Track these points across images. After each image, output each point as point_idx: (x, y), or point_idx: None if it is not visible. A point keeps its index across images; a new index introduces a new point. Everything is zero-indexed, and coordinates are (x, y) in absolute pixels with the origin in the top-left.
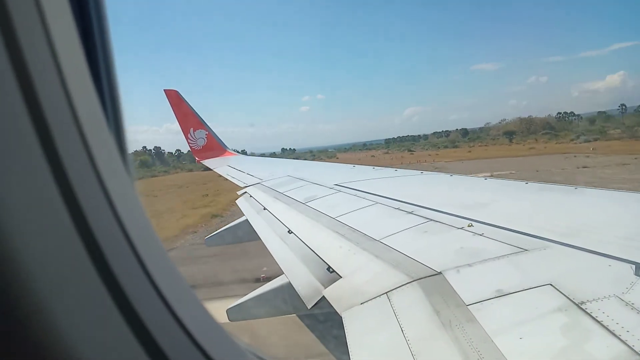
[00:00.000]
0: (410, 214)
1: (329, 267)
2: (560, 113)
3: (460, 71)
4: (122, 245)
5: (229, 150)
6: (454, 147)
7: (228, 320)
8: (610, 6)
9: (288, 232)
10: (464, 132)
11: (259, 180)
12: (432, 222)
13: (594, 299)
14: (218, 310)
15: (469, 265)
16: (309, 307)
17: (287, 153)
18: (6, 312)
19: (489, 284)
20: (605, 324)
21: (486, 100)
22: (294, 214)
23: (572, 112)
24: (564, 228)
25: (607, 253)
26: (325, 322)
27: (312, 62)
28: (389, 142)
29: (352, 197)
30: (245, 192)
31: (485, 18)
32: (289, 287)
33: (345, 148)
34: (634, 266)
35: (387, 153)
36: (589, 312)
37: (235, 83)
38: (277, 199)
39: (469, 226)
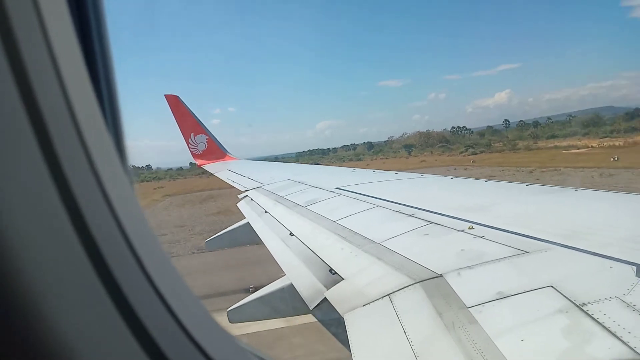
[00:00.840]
0: (411, 217)
1: (330, 269)
2: (454, 127)
3: (369, 86)
4: (121, 246)
5: (230, 155)
6: (357, 160)
7: (228, 322)
8: (498, 31)
9: (289, 234)
10: (370, 146)
11: (259, 184)
12: (432, 224)
13: (595, 301)
14: None
15: (470, 267)
16: (311, 308)
17: (195, 166)
18: (5, 313)
19: (490, 286)
20: (606, 325)
21: (393, 115)
22: (296, 217)
23: (464, 127)
24: (564, 230)
25: (608, 255)
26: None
27: (223, 73)
28: (299, 155)
29: (352, 201)
30: (247, 195)
31: (389, 33)
32: (290, 288)
33: (257, 161)
34: (634, 268)
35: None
36: (590, 313)
37: (139, 91)
38: (278, 202)
39: (469, 229)
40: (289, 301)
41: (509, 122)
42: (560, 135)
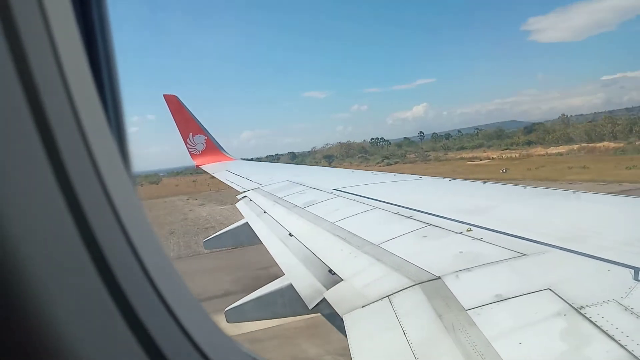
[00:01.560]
0: (409, 219)
1: (330, 270)
2: (374, 138)
3: (293, 97)
4: (124, 248)
5: (228, 155)
6: None
7: (226, 322)
8: (416, 48)
9: (289, 235)
10: (293, 156)
11: (258, 185)
12: (431, 226)
13: (593, 304)
14: None
15: (468, 269)
16: (310, 307)
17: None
18: (6, 314)
19: (488, 288)
20: (604, 328)
21: (317, 126)
22: (295, 218)
23: (382, 138)
24: (563, 233)
25: (606, 258)
26: None
27: (142, 77)
28: None
29: (351, 202)
30: (245, 196)
31: (313, 43)
32: (288, 289)
33: (178, 171)
34: (632, 271)
35: (212, 177)
36: (588, 316)
37: None
38: (277, 203)
39: (467, 231)
40: (288, 301)
41: (423, 134)
42: (468, 147)
